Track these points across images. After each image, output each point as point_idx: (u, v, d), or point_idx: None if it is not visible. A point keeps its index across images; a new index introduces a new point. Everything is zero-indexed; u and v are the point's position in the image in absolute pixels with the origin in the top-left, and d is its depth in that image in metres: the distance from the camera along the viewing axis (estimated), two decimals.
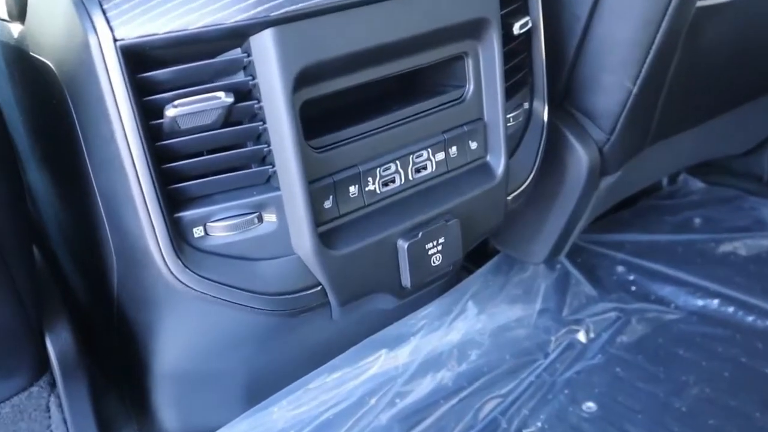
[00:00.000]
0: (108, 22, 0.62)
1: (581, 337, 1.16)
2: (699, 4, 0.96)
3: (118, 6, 0.63)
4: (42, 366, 0.75)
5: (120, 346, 0.90)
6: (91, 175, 0.72)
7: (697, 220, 1.42)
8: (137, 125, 0.64)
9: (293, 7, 0.65)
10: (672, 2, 0.91)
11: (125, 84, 0.63)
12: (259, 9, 0.64)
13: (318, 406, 0.98)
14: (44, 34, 0.70)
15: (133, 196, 0.66)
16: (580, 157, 1.02)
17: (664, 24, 0.92)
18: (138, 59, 0.63)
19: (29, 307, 0.72)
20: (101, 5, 0.63)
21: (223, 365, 0.90)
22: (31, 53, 0.73)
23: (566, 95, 1.01)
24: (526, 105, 0.92)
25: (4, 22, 0.79)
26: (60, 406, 0.77)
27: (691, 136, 1.26)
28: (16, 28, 0.77)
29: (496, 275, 1.21)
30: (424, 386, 1.05)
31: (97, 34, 0.62)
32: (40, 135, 0.84)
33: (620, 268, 1.30)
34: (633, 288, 1.26)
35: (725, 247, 1.33)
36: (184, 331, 0.82)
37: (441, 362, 1.09)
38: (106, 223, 0.74)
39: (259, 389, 0.96)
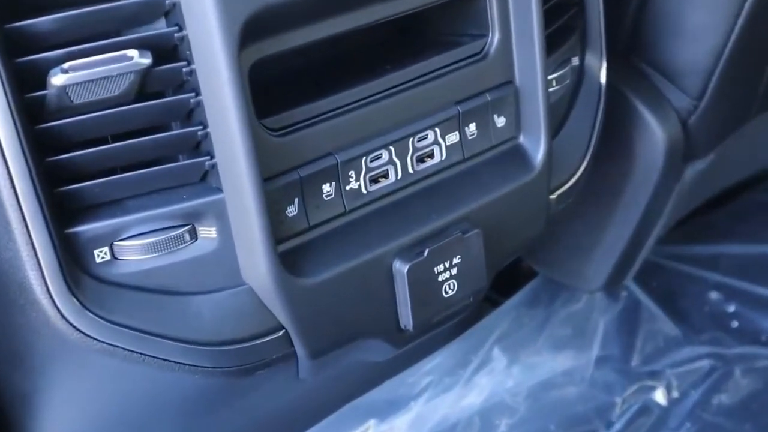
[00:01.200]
0: None
1: (660, 397, 1.18)
2: None
3: None
4: None
5: None
6: None
7: None
8: (8, 99, 0.64)
9: None
10: None
11: None
12: None
13: None
14: None
15: (4, 203, 0.66)
16: (655, 134, 1.03)
17: None
18: (9, 1, 0.64)
19: None
20: None
21: None
22: None
23: (634, 45, 1.04)
24: (576, 61, 0.93)
25: None
26: None
27: None
28: None
29: (533, 309, 1.23)
30: None
31: None
32: None
33: (714, 296, 1.32)
34: (734, 324, 1.28)
35: None
36: (82, 401, 0.82)
37: None
38: None
39: None
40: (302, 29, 0.72)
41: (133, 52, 0.66)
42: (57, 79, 0.64)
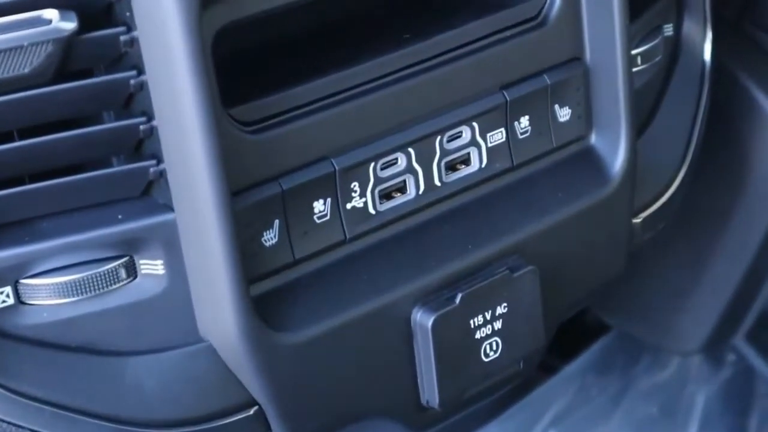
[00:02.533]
0: None
1: None
2: None
3: None
4: None
5: None
6: None
7: None
8: None
9: None
10: None
11: None
12: None
13: None
14: None
15: None
16: None
17: None
18: None
19: None
20: None
21: None
22: None
23: (748, 7, 1.04)
24: (670, 30, 0.94)
25: None
26: None
27: None
28: None
29: (604, 377, 1.23)
30: None
31: None
32: None
33: None
34: None
35: None
36: None
37: None
38: None
39: None
40: None
41: (51, 13, 0.66)
42: None
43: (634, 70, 0.88)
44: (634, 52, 0.88)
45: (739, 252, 1.12)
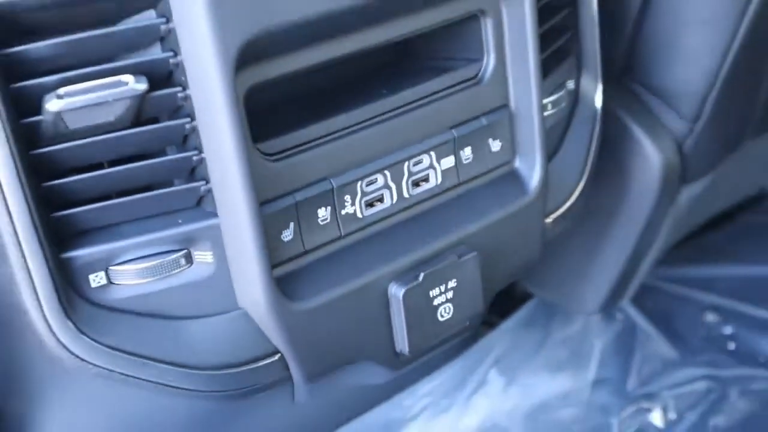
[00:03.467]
0: None
1: (656, 419, 1.18)
2: None
3: None
4: None
5: None
6: None
7: None
8: (3, 125, 0.64)
9: None
10: None
11: None
12: None
13: None
14: None
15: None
16: (651, 157, 1.04)
17: None
18: (4, 27, 0.64)
19: None
20: None
21: None
22: None
23: (629, 68, 1.04)
24: (572, 84, 0.94)
25: None
26: None
27: None
28: None
29: (529, 331, 1.24)
30: None
31: None
32: None
33: (711, 317, 1.33)
34: (731, 346, 1.29)
35: None
36: (81, 425, 0.82)
37: None
38: None
39: None
40: (298, 54, 0.73)
41: (128, 78, 0.66)
42: (52, 105, 0.64)
43: (546, 113, 0.87)
44: (545, 101, 0.88)
45: (624, 241, 1.13)
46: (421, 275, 0.80)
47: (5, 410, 0.81)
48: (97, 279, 0.70)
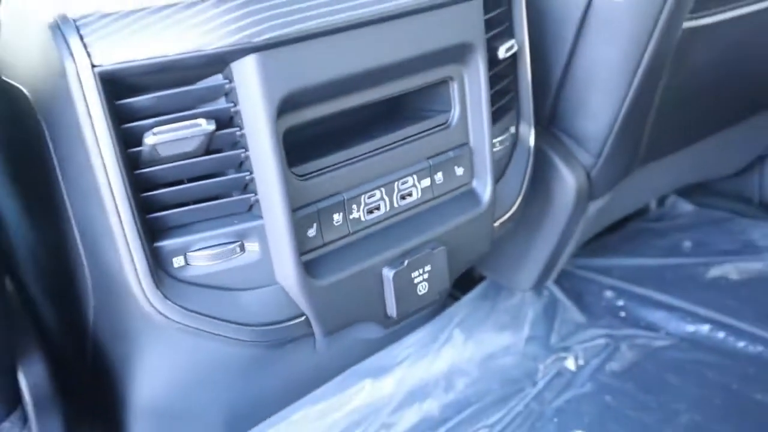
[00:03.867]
0: (85, 47, 0.62)
1: (570, 364, 1.17)
2: (686, 25, 0.99)
3: (95, 30, 0.63)
4: (13, 401, 0.74)
5: (95, 380, 0.89)
6: (68, 205, 0.72)
7: (687, 243, 1.44)
8: (116, 153, 0.64)
9: (276, 33, 0.65)
10: (659, 23, 0.93)
11: (103, 111, 0.63)
12: (241, 35, 0.64)
13: None
14: (17, 58, 0.71)
15: (111, 226, 0.66)
16: (568, 181, 1.03)
17: (650, 45, 0.94)
18: (116, 85, 0.64)
19: (1, 341, 0.72)
20: (78, 30, 0.63)
21: (203, 399, 0.90)
22: (2, 77, 0.73)
23: (553, 118, 1.03)
24: (513, 129, 0.93)
25: None
26: None
27: (681, 157, 1.28)
28: None
29: (482, 302, 1.22)
30: (411, 417, 1.05)
31: (74, 60, 0.62)
32: (11, 161, 0.83)
33: (609, 294, 1.31)
34: (622, 314, 1.27)
35: (715, 271, 1.35)
36: (164, 364, 0.82)
37: (427, 392, 1.09)
38: (82, 253, 0.74)
39: (239, 422, 0.96)
40: (321, 105, 0.72)
41: (202, 121, 0.66)
42: (150, 140, 0.65)
43: (495, 149, 0.87)
44: (494, 140, 0.87)
45: (550, 239, 1.12)
46: (406, 262, 0.79)
47: (114, 350, 0.81)
48: (178, 261, 0.70)
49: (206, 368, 0.84)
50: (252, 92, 0.66)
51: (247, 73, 0.66)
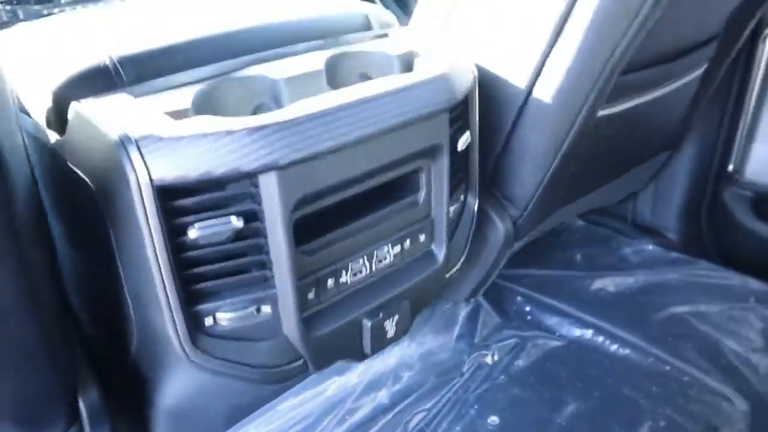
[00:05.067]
0: (146, 164, 0.64)
1: (488, 359, 1.22)
2: (600, 113, 1.04)
3: (154, 152, 0.64)
4: (73, 418, 0.77)
5: (133, 396, 0.91)
6: (120, 269, 0.73)
7: (579, 257, 1.51)
8: (164, 242, 0.67)
9: (297, 155, 0.68)
10: (579, 115, 0.98)
11: (157, 211, 0.65)
12: (270, 160, 0.67)
13: (285, 423, 1.03)
14: (84, 154, 0.71)
15: (158, 294, 0.69)
16: (499, 228, 1.09)
17: (572, 131, 0.99)
18: (167, 190, 0.66)
19: (65, 369, 0.74)
20: (140, 149, 0.64)
21: (213, 407, 0.94)
22: (68, 163, 0.73)
23: (491, 182, 1.08)
24: (462, 198, 0.97)
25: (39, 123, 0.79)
26: None
27: (584, 198, 1.35)
28: (52, 134, 0.76)
29: (434, 308, 1.27)
30: (368, 404, 1.11)
31: (136, 174, 0.64)
32: (71, 222, 0.83)
33: (520, 300, 1.37)
34: (529, 318, 1.33)
35: (598, 284, 1.42)
36: (189, 388, 0.84)
37: (381, 383, 1.15)
38: (130, 305, 0.75)
39: (238, 415, 1.00)
40: (324, 200, 0.75)
41: (233, 218, 0.69)
42: (192, 233, 0.67)
43: (450, 216, 0.90)
44: (450, 209, 0.90)
45: (484, 267, 1.16)
46: (381, 314, 0.84)
47: (150, 375, 0.83)
48: (208, 321, 0.73)
49: (226, 397, 0.88)
50: (273, 197, 0.69)
51: (270, 183, 0.68)
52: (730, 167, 1.51)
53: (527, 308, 1.34)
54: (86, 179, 0.71)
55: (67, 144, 0.74)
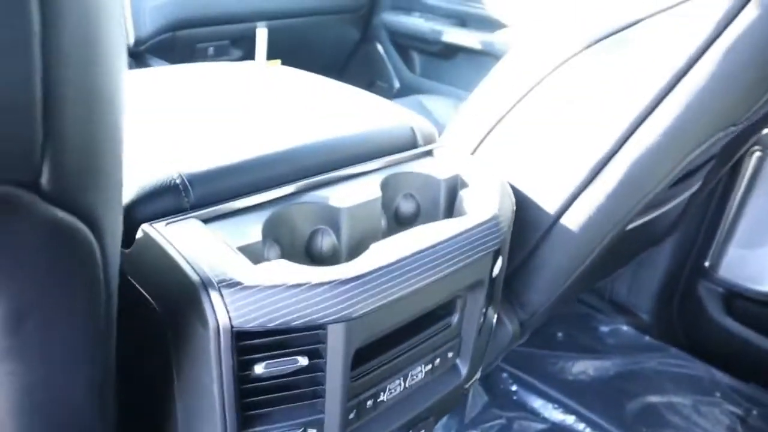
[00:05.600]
0: (228, 311, 0.66)
1: None
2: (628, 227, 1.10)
3: (236, 301, 0.66)
4: None
5: None
6: (175, 393, 0.74)
7: (560, 335, 1.59)
8: (232, 375, 0.69)
9: (368, 309, 0.71)
10: (607, 236, 1.03)
11: (230, 351, 0.67)
12: (345, 314, 0.70)
13: None
14: (152, 278, 0.71)
15: (216, 421, 0.71)
16: (508, 332, 1.14)
17: (596, 250, 1.05)
18: (242, 334, 0.68)
19: None
20: (221, 294, 0.66)
21: None
22: (129, 278, 0.73)
23: (507, 292, 1.13)
24: (484, 310, 1.00)
25: None
26: None
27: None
28: None
29: None
30: None
31: (216, 318, 0.66)
32: (126, 341, 0.82)
33: (505, 376, 1.43)
34: (515, 397, 1.40)
35: (579, 367, 1.50)
36: None
37: None
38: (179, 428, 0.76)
39: None
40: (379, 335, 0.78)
41: (299, 358, 0.71)
42: (258, 368, 0.69)
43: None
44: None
45: (489, 360, 1.20)
46: (410, 430, 0.88)
47: None
48: None
49: None
50: (338, 341, 0.71)
51: (338, 330, 0.71)
52: (707, 263, 1.61)
53: (513, 387, 1.41)
54: (152, 301, 0.72)
55: (131, 259, 0.74)
